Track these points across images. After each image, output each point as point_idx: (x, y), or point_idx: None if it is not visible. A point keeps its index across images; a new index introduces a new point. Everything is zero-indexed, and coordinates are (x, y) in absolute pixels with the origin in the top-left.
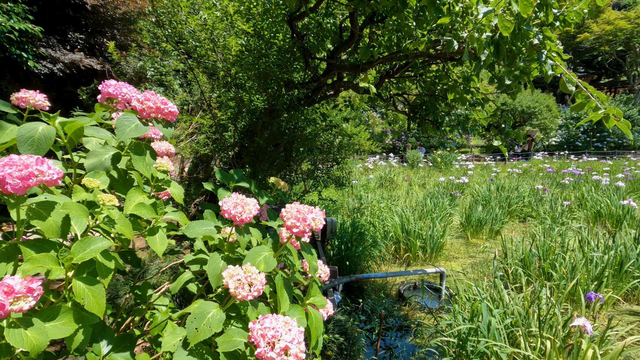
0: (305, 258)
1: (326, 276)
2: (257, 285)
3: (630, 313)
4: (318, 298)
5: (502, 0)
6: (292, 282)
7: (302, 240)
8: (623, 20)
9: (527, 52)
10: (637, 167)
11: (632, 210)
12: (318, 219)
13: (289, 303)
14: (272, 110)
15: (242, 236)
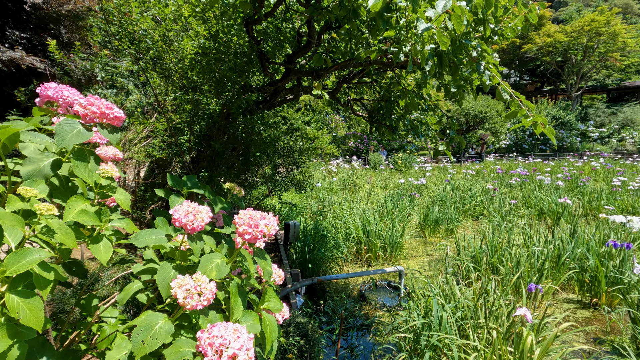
0: (259, 264)
1: (281, 280)
2: (207, 294)
3: (566, 301)
4: (273, 303)
5: (441, 18)
6: (247, 288)
7: (256, 246)
8: (561, 33)
9: (468, 63)
10: (575, 167)
11: (568, 207)
12: (271, 225)
13: (242, 309)
14: (229, 114)
15: (195, 244)
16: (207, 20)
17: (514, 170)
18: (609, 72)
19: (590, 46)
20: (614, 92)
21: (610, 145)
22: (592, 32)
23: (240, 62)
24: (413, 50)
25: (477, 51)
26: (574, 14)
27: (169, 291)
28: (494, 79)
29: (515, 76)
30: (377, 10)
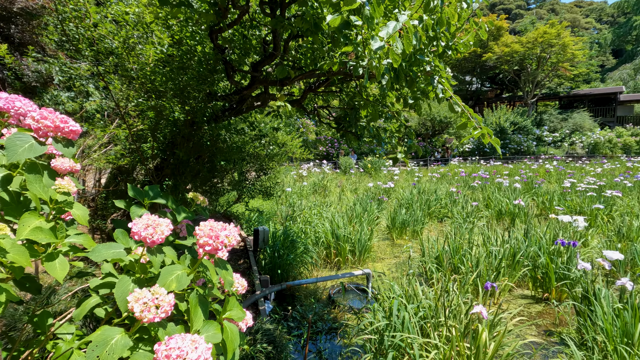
0: (220, 274)
1: (243, 289)
2: (165, 306)
3: (521, 297)
4: (235, 311)
5: (392, 37)
6: (210, 298)
7: (218, 256)
8: (517, 44)
9: (424, 77)
10: (531, 170)
11: (524, 208)
12: (232, 235)
13: (202, 320)
14: (193, 122)
15: (155, 256)
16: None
17: (476, 173)
18: (560, 81)
19: (543, 56)
20: (565, 99)
21: (563, 148)
22: (545, 43)
23: (204, 71)
24: (369, 65)
25: (430, 66)
26: (528, 26)
27: (127, 305)
28: (446, 92)
29: (477, 83)
30: (336, 25)
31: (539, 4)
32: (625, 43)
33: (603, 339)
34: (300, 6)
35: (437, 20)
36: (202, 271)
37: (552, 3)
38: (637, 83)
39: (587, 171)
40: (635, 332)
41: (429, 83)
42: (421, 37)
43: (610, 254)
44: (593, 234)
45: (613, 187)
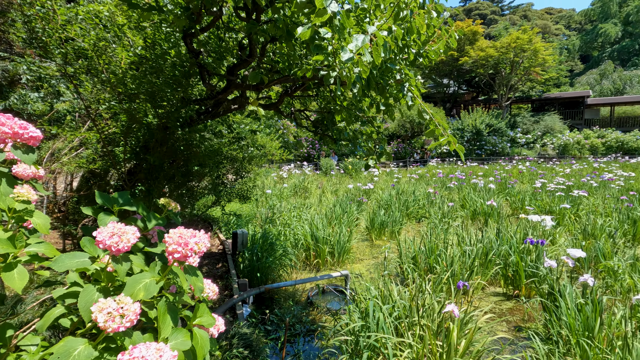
0: (189, 281)
1: (215, 295)
2: (130, 315)
3: (494, 294)
4: (205, 318)
5: (361, 49)
6: (180, 305)
7: (188, 262)
8: (492, 49)
9: (394, 85)
10: (505, 171)
11: (497, 208)
12: (201, 242)
13: (171, 327)
14: (166, 126)
15: (120, 265)
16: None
17: (453, 174)
18: (532, 85)
19: (516, 61)
20: (537, 102)
21: (535, 150)
22: (518, 48)
23: (178, 74)
24: (340, 74)
25: (400, 74)
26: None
27: (91, 315)
28: (415, 100)
29: (455, 86)
30: (306, 37)
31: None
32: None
33: (567, 333)
34: (273, 13)
35: (407, 30)
36: (172, 278)
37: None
38: (602, 88)
39: (557, 172)
40: (595, 325)
41: (400, 90)
42: (391, 47)
43: (573, 252)
44: (561, 232)
45: (580, 187)
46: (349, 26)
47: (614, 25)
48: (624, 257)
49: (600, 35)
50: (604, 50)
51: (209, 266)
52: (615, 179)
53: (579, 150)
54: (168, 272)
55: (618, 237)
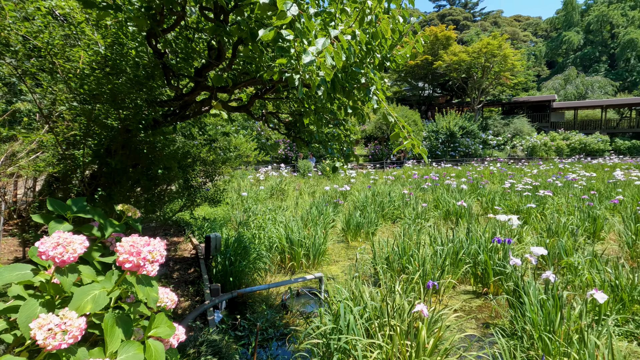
0: (142, 291)
1: (173, 304)
2: (74, 331)
3: (464, 292)
4: (162, 328)
5: (325, 51)
6: (136, 315)
7: (143, 272)
8: (464, 53)
9: (361, 88)
10: (477, 172)
11: (469, 208)
12: (156, 251)
13: (121, 340)
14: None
15: (65, 277)
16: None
17: (428, 175)
18: (502, 89)
19: (487, 66)
20: (507, 105)
21: (506, 151)
22: (488, 53)
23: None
24: (303, 77)
25: (366, 78)
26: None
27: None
28: (381, 103)
29: (430, 89)
30: (269, 39)
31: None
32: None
33: (530, 329)
34: (237, 15)
35: (372, 34)
36: (128, 288)
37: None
38: (567, 92)
39: (526, 172)
40: (555, 320)
41: (366, 94)
42: (355, 51)
43: (536, 250)
44: (527, 231)
45: (546, 187)
46: (312, 29)
47: (577, 34)
48: (583, 253)
49: (564, 43)
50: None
51: (180, 272)
52: (578, 179)
53: (546, 152)
54: (121, 282)
55: (579, 234)
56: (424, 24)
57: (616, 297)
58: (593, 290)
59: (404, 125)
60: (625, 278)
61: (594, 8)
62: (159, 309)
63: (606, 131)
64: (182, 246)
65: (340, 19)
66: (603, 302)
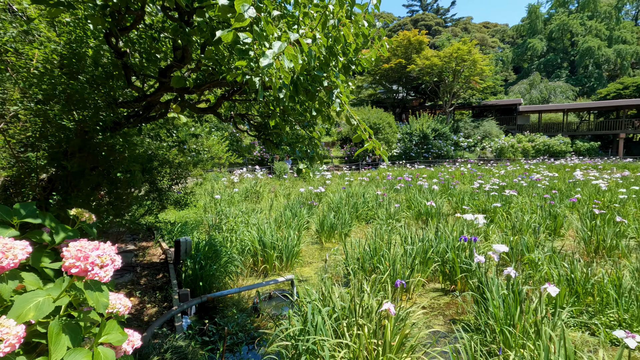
0: (91, 297)
1: (126, 310)
2: (11, 339)
3: (433, 290)
4: (114, 335)
5: (280, 55)
6: (88, 323)
7: (89, 278)
8: (436, 58)
9: (324, 91)
10: (448, 172)
11: (440, 208)
12: (106, 255)
13: (67, 348)
14: (85, 130)
15: (5, 284)
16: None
17: (401, 176)
18: (472, 92)
19: (457, 70)
20: (477, 109)
21: (476, 153)
22: (459, 58)
23: (99, 75)
24: (263, 79)
25: (328, 81)
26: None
27: None
28: (343, 106)
29: (404, 92)
30: (229, 41)
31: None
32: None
33: (493, 323)
34: (198, 16)
35: (335, 38)
36: (76, 294)
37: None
38: (532, 96)
39: (494, 173)
40: (515, 314)
41: (329, 97)
42: (316, 55)
43: (498, 247)
44: (494, 229)
45: (512, 187)
46: (270, 32)
47: (540, 41)
48: (544, 250)
49: (529, 49)
50: (532, 63)
51: (148, 277)
52: (542, 179)
53: (513, 153)
54: (67, 288)
55: (541, 231)
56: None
57: (572, 290)
58: (546, 285)
59: (365, 128)
60: (580, 272)
61: (556, 17)
62: (111, 315)
63: (568, 133)
64: (151, 251)
65: (303, 22)
66: (555, 295)
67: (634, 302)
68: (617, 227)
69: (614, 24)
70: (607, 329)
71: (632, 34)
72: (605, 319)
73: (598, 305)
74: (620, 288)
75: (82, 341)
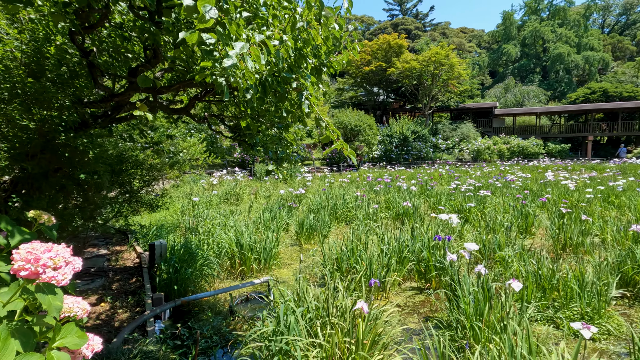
0: (43, 300)
1: (84, 313)
2: None
3: (409, 289)
4: (70, 338)
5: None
6: (44, 327)
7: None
8: (415, 61)
9: (294, 93)
10: (427, 174)
11: (416, 209)
12: (59, 257)
13: (15, 353)
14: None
15: None
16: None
17: (381, 177)
18: (450, 96)
19: (436, 74)
20: (455, 111)
21: (454, 154)
22: (437, 62)
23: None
24: (228, 80)
25: (297, 83)
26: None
27: None
28: (312, 108)
29: (384, 95)
30: (193, 42)
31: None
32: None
33: (464, 319)
34: (165, 16)
35: (304, 41)
36: (32, 299)
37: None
38: (507, 100)
39: (470, 174)
40: (484, 310)
41: (299, 99)
42: (283, 56)
43: (469, 245)
44: (468, 228)
45: (487, 188)
46: (234, 33)
47: (515, 46)
48: (514, 248)
49: (504, 54)
50: (507, 68)
51: (121, 282)
52: (515, 180)
53: (489, 155)
54: (18, 292)
55: (513, 230)
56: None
57: (539, 286)
58: (511, 280)
59: (334, 129)
60: (547, 268)
61: (529, 24)
62: (68, 318)
63: (540, 136)
64: (125, 255)
65: (272, 24)
66: (519, 290)
67: (595, 296)
68: (582, 225)
69: (582, 31)
70: (570, 321)
71: (599, 41)
72: (569, 312)
73: (563, 300)
74: (583, 283)
75: (35, 346)
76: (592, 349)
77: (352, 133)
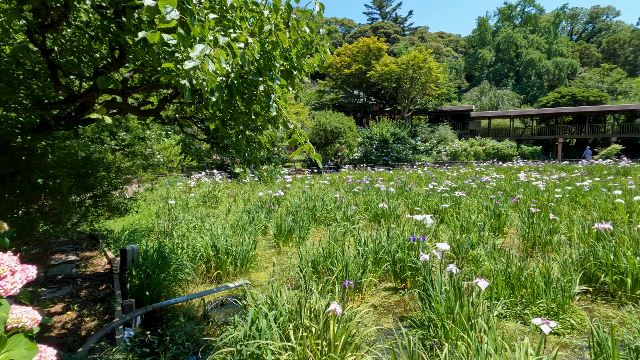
0: None
1: (34, 323)
2: None
3: (385, 289)
4: (17, 350)
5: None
6: None
7: None
8: (394, 64)
9: (262, 95)
10: (406, 175)
11: (394, 210)
12: (3, 266)
13: None
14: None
15: None
16: None
17: (361, 179)
18: (429, 99)
19: (414, 77)
20: (433, 114)
21: (432, 156)
22: (415, 66)
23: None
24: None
25: (265, 86)
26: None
27: None
28: (280, 110)
29: (364, 97)
30: (155, 41)
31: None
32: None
33: (435, 318)
34: (127, 16)
35: (273, 44)
36: None
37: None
38: (482, 103)
39: (447, 176)
40: (455, 308)
41: (268, 101)
42: (250, 59)
43: (441, 245)
44: (444, 229)
45: (463, 189)
46: (197, 35)
47: (489, 51)
48: (486, 247)
49: (479, 59)
50: (483, 72)
51: (90, 289)
52: (490, 181)
53: (466, 157)
54: None
55: (486, 229)
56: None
57: (508, 284)
58: (477, 279)
59: (301, 132)
60: (515, 267)
61: (502, 30)
62: (17, 330)
63: (514, 138)
64: (95, 261)
65: (240, 27)
66: (485, 288)
67: (560, 292)
68: (551, 224)
69: (552, 38)
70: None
71: (568, 48)
72: (535, 308)
73: (530, 297)
74: (549, 279)
75: None
76: (556, 342)
77: (332, 135)
